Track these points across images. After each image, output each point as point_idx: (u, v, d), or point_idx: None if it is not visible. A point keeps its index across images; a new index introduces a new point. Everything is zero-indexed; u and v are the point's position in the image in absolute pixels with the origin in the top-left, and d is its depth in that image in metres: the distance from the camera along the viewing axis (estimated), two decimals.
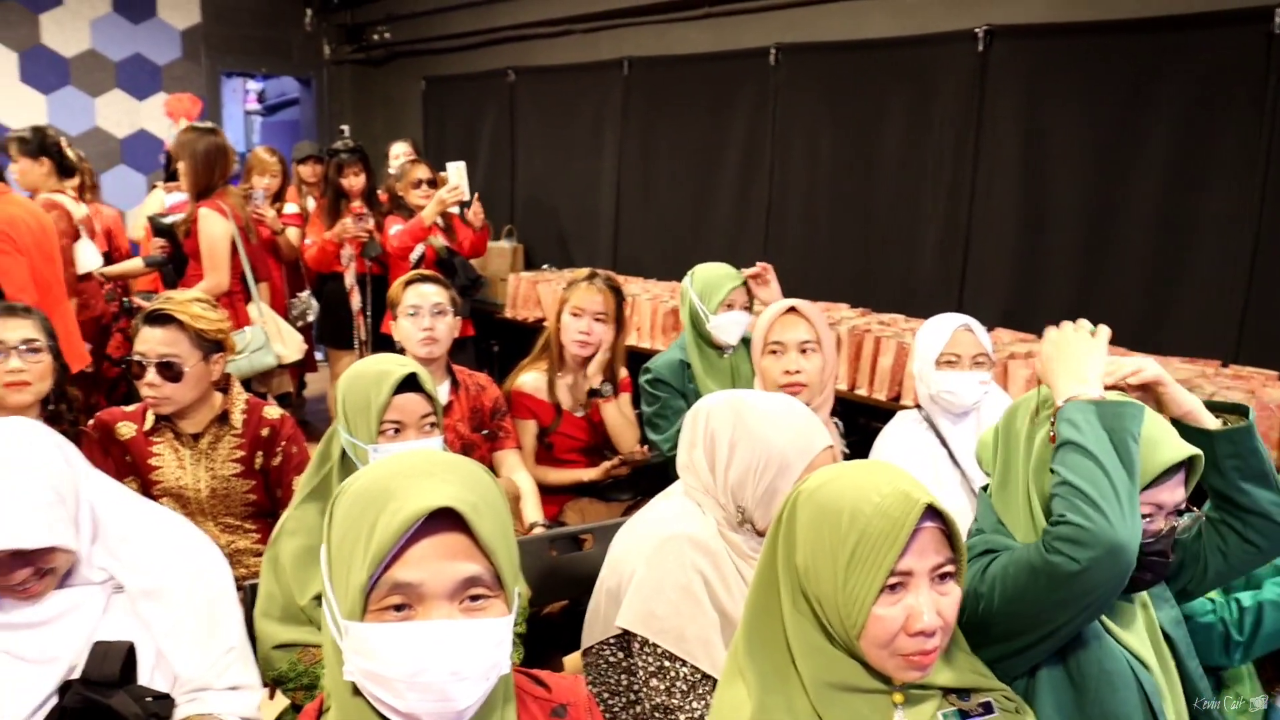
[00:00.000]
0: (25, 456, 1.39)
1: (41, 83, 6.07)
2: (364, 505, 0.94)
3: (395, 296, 2.64)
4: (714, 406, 1.65)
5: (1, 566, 1.35)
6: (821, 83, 4.22)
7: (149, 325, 2.12)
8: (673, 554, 1.56)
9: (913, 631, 1.09)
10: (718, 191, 4.75)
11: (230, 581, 1.64)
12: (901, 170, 3.99)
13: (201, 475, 2.16)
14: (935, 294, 3.86)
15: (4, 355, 1.94)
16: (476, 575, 0.94)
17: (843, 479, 1.15)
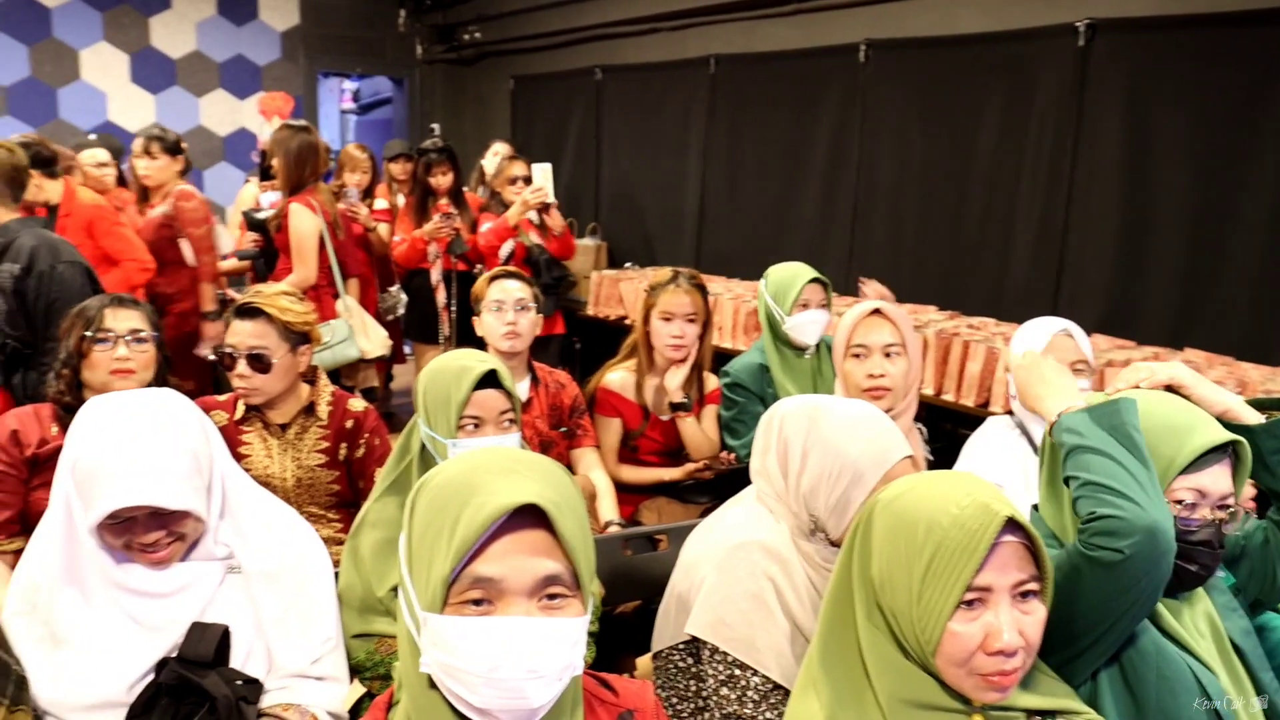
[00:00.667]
0: (170, 423, 1.46)
1: (151, 83, 6.35)
2: (447, 499, 0.94)
3: (479, 292, 2.68)
4: (788, 412, 1.62)
5: (138, 525, 1.42)
6: (912, 80, 4.13)
7: (239, 318, 2.19)
8: (744, 561, 1.55)
9: (991, 650, 1.06)
10: (803, 190, 4.69)
11: (331, 574, 1.68)
12: (995, 170, 3.87)
13: (288, 465, 2.22)
14: (1028, 297, 3.75)
15: (112, 344, 2.03)
16: (556, 574, 0.94)
17: (922, 489, 1.12)
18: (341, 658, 1.66)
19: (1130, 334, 3.42)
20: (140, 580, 1.46)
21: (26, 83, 5.96)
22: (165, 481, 1.40)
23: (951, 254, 4.08)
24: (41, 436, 2.01)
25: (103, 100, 6.19)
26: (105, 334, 2.03)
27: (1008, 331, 3.55)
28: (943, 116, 4.04)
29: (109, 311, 2.06)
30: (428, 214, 4.46)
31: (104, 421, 1.43)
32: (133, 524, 1.41)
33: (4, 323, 2.48)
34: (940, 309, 3.98)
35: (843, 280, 4.42)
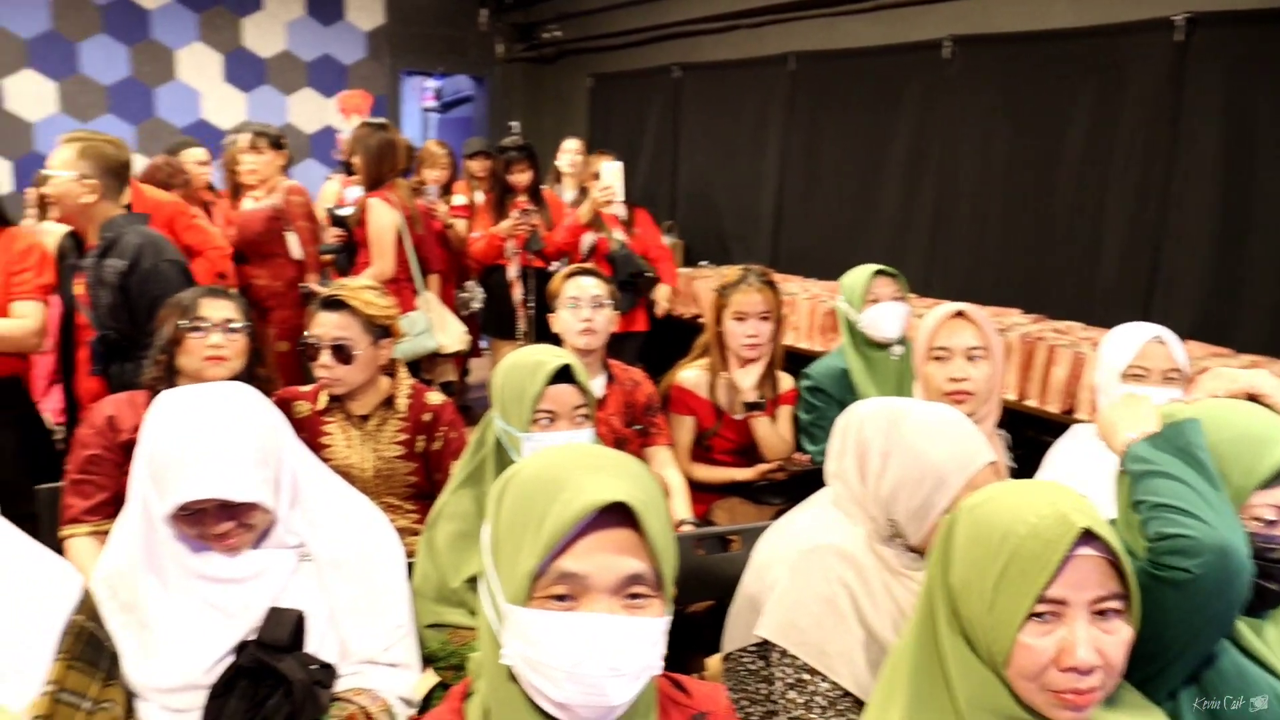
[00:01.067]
0: (239, 416, 1.50)
1: (242, 82, 6.56)
2: (534, 493, 0.95)
3: (555, 289, 2.69)
4: (867, 415, 1.59)
5: (209, 516, 1.46)
6: (998, 76, 4.03)
7: (324, 310, 2.24)
8: (818, 565, 1.53)
9: (1064, 667, 1.02)
10: (882, 190, 4.62)
11: (404, 562, 1.71)
12: (1084, 169, 3.75)
13: (367, 455, 2.27)
14: (1118, 302, 3.62)
15: (206, 332, 2.09)
16: (640, 573, 0.94)
17: (1006, 496, 1.10)
18: (413, 645, 1.69)
19: (1227, 341, 3.28)
20: (216, 567, 1.50)
21: (127, 82, 6.20)
22: (232, 474, 1.44)
23: (1037, 256, 3.97)
24: (135, 422, 2.09)
25: (197, 99, 6.42)
26: (200, 322, 2.10)
27: (1095, 336, 3.44)
28: (1029, 115, 3.93)
29: (204, 301, 2.13)
30: (506, 211, 4.51)
31: (175, 415, 1.48)
32: (203, 514, 1.46)
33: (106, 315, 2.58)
34: (1024, 312, 3.88)
35: (922, 281, 4.34)
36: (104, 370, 2.61)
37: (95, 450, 2.06)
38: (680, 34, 5.80)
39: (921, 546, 1.52)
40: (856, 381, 2.69)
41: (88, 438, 2.07)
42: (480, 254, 4.59)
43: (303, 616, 1.52)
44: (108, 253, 2.61)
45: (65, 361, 2.79)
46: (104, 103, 6.14)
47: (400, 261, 3.98)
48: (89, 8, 6.02)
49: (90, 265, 2.62)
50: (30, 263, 2.50)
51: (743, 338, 2.68)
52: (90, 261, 2.62)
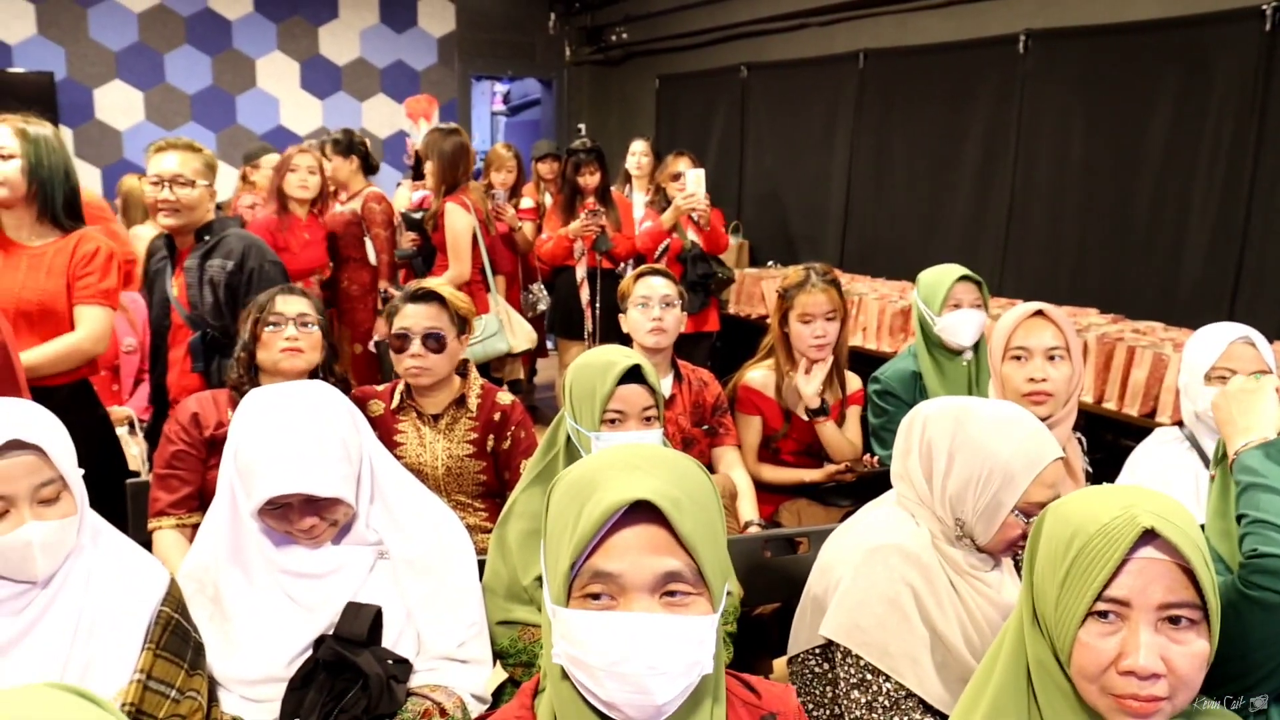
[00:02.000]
0: (322, 414, 1.54)
1: (318, 89, 6.72)
2: (572, 495, 0.96)
3: (626, 289, 2.71)
4: (932, 413, 1.57)
5: (294, 511, 1.51)
6: (1076, 70, 3.93)
7: (414, 303, 2.29)
8: (881, 565, 1.51)
9: (1123, 670, 0.99)
10: (955, 189, 4.53)
11: (475, 560, 1.74)
12: (1166, 166, 3.63)
13: (439, 453, 2.31)
14: (1202, 302, 3.50)
15: (282, 325, 2.16)
16: (676, 571, 0.94)
17: (1091, 495, 1.08)
18: (485, 642, 1.71)
19: None
20: (298, 562, 1.54)
21: (209, 91, 6.40)
22: (316, 471, 1.48)
23: (1116, 255, 3.85)
24: (219, 419, 2.16)
25: (275, 106, 6.59)
26: (277, 317, 2.17)
27: (1178, 337, 3.33)
28: (1108, 110, 3.81)
29: (280, 299, 2.20)
30: (575, 212, 4.54)
31: (262, 413, 1.53)
32: (289, 510, 1.50)
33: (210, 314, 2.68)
34: (1102, 312, 3.77)
35: (996, 282, 4.25)
36: (205, 368, 2.70)
37: (180, 446, 2.13)
38: (747, 34, 5.78)
39: (990, 547, 1.50)
40: (928, 385, 2.64)
41: (173, 434, 2.14)
42: (549, 255, 4.63)
43: (380, 612, 1.55)
44: (212, 253, 2.70)
45: (155, 359, 2.88)
46: (188, 111, 6.35)
47: (474, 264, 4.04)
48: (174, 20, 6.23)
49: (193, 266, 2.71)
50: (95, 266, 2.52)
51: (810, 339, 2.66)
52: (193, 262, 2.71)
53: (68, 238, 2.51)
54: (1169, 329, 3.48)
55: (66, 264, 2.48)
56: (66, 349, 2.46)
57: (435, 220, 4.05)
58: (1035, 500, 1.45)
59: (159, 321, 2.82)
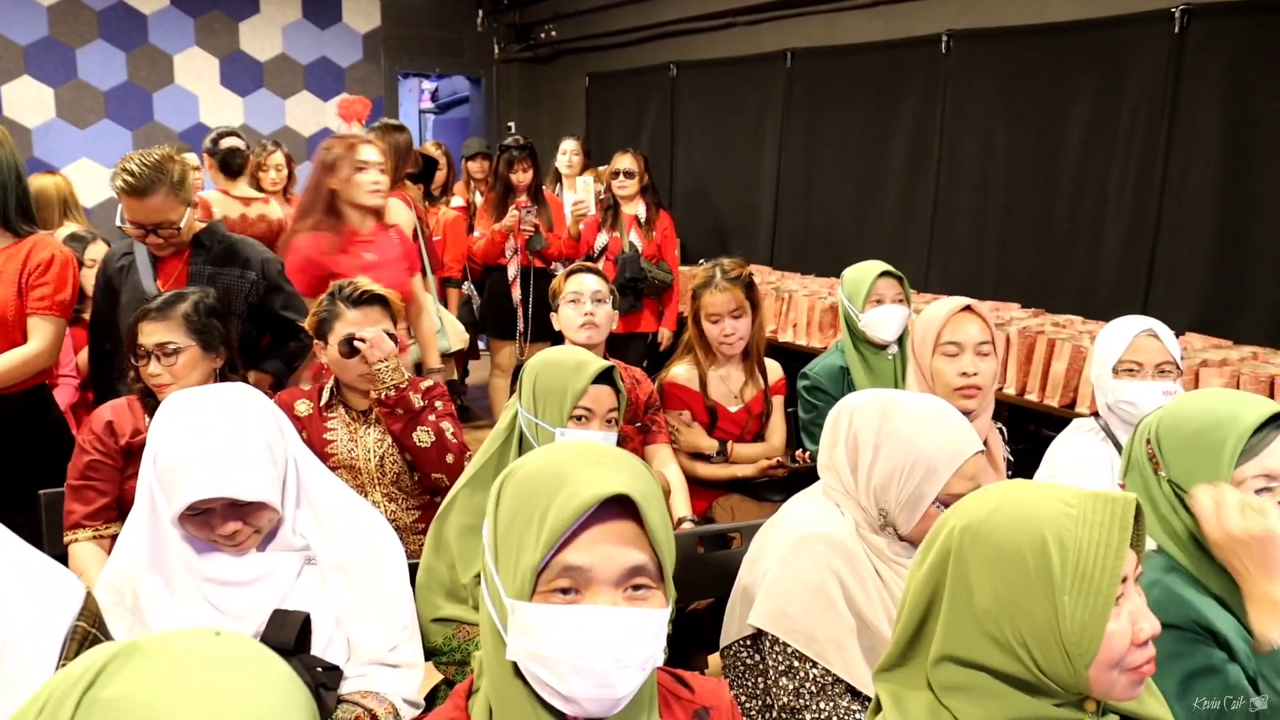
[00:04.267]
0: (245, 416, 1.51)
1: (239, 86, 6.56)
2: (536, 489, 0.96)
3: (557, 287, 2.73)
4: (858, 405, 1.61)
5: (216, 516, 1.47)
6: (997, 70, 4.04)
7: (358, 306, 2.25)
8: (807, 553, 1.54)
9: (1141, 640, 1.00)
10: (882, 186, 4.62)
11: (405, 563, 1.73)
12: (1084, 164, 3.76)
13: (371, 445, 2.29)
14: (1118, 296, 3.63)
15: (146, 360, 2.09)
16: (642, 564, 0.95)
17: (1010, 504, 1.03)
18: (417, 645, 1.70)
19: (1227, 334, 3.29)
20: (221, 570, 1.51)
21: (124, 87, 6.21)
22: (239, 474, 1.45)
23: (1037, 251, 3.97)
24: (135, 427, 2.10)
25: (194, 103, 6.42)
26: (140, 349, 2.10)
27: (1095, 330, 3.44)
28: (1029, 109, 3.93)
29: (141, 325, 2.11)
30: (508, 210, 4.52)
31: (181, 416, 1.49)
32: (211, 515, 1.47)
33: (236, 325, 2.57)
34: (1024, 306, 3.88)
35: (922, 278, 4.35)
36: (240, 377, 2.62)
37: (95, 456, 2.07)
38: (676, 32, 5.81)
39: (911, 536, 1.54)
40: (855, 380, 2.70)
41: (88, 443, 2.08)
42: (481, 253, 4.60)
43: (308, 618, 1.53)
44: (227, 262, 2.62)
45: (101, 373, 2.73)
46: (102, 108, 6.15)
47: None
48: (87, 13, 6.03)
49: (201, 272, 2.60)
50: (50, 276, 2.44)
51: (720, 336, 2.75)
52: (201, 269, 2.60)
53: (20, 244, 2.43)
54: (1087, 322, 3.60)
55: (19, 272, 2.40)
56: (19, 362, 2.40)
57: None
58: (955, 492, 1.49)
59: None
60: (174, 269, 2.65)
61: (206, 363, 2.14)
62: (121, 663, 0.69)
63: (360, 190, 3.05)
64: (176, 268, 2.64)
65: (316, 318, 2.27)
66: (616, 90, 6.53)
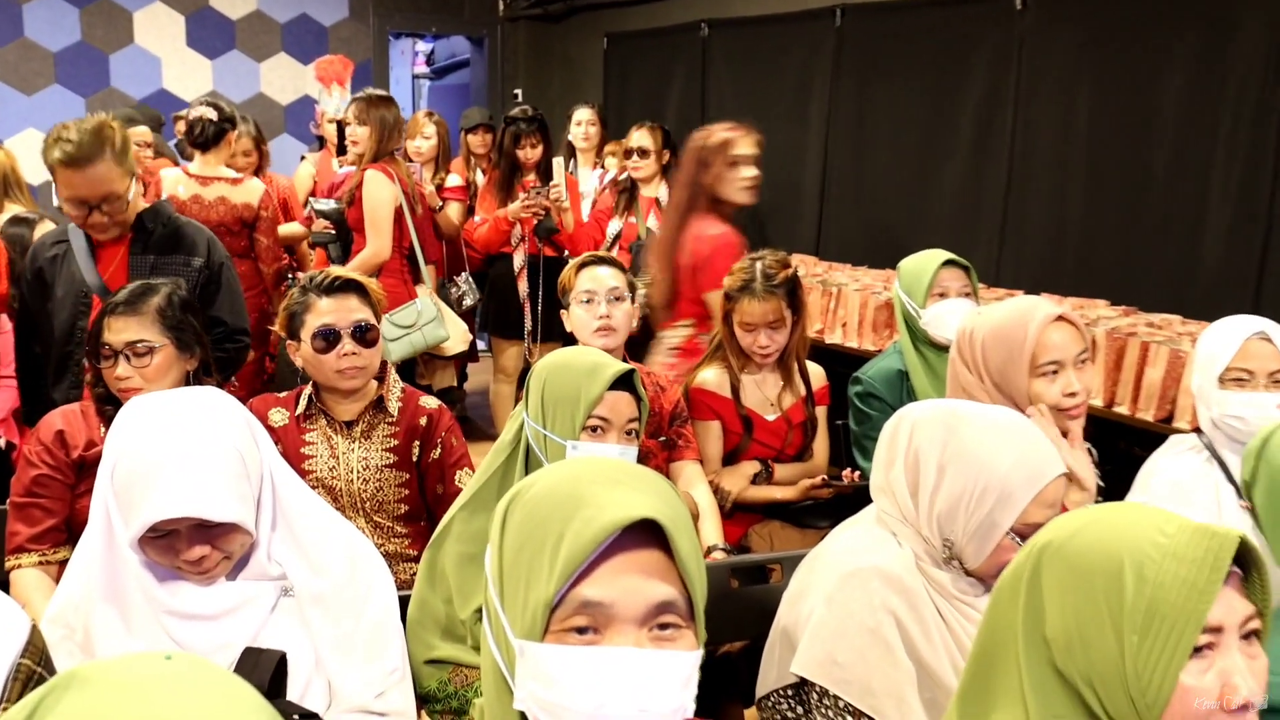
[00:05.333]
0: (215, 424, 1.51)
1: (207, 47, 6.62)
2: (548, 513, 0.96)
3: (567, 281, 2.72)
4: (921, 418, 1.60)
5: (181, 539, 1.47)
6: (1081, 29, 4.01)
7: (331, 294, 2.26)
8: (859, 590, 1.53)
9: (1234, 706, 0.99)
10: (946, 164, 4.60)
11: (395, 595, 1.73)
12: (1183, 135, 3.72)
13: (354, 464, 2.30)
14: (1224, 290, 3.59)
15: (112, 360, 2.11)
16: (670, 600, 0.95)
17: (1101, 524, 1.05)
18: (407, 691, 1.70)
19: None
20: (186, 601, 1.51)
21: (77, 48, 6.27)
22: (208, 491, 1.44)
23: (1127, 238, 3.93)
24: (89, 438, 2.12)
25: (157, 66, 6.48)
26: (106, 349, 2.11)
27: (1197, 332, 3.41)
28: (1117, 74, 3.90)
29: (107, 321, 2.12)
30: (513, 191, 4.52)
31: (142, 425, 1.49)
32: (175, 538, 1.46)
33: None
34: (1112, 304, 3.85)
35: (993, 270, 4.32)
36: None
37: (42, 470, 2.09)
38: None
39: (980, 571, 1.52)
40: (915, 386, 2.69)
41: (35, 455, 2.10)
42: (483, 241, 4.60)
43: (284, 658, 1.53)
44: (171, 247, 2.66)
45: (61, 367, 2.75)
46: (51, 71, 6.22)
47: (399, 247, 4.01)
48: None
49: (144, 260, 2.63)
50: None
51: (755, 347, 2.75)
52: (144, 257, 2.64)
53: None
54: (1187, 322, 3.56)
55: None
56: None
57: (353, 193, 4.01)
58: (1033, 521, 1.47)
59: (71, 322, 2.66)
60: (113, 257, 2.67)
61: (180, 364, 2.17)
62: (58, 696, 0.68)
63: (733, 186, 3.33)
64: (116, 255, 2.66)
65: (287, 313, 2.29)
66: (639, 52, 6.53)
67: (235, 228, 4.12)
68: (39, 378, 2.71)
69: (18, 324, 2.82)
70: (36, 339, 2.71)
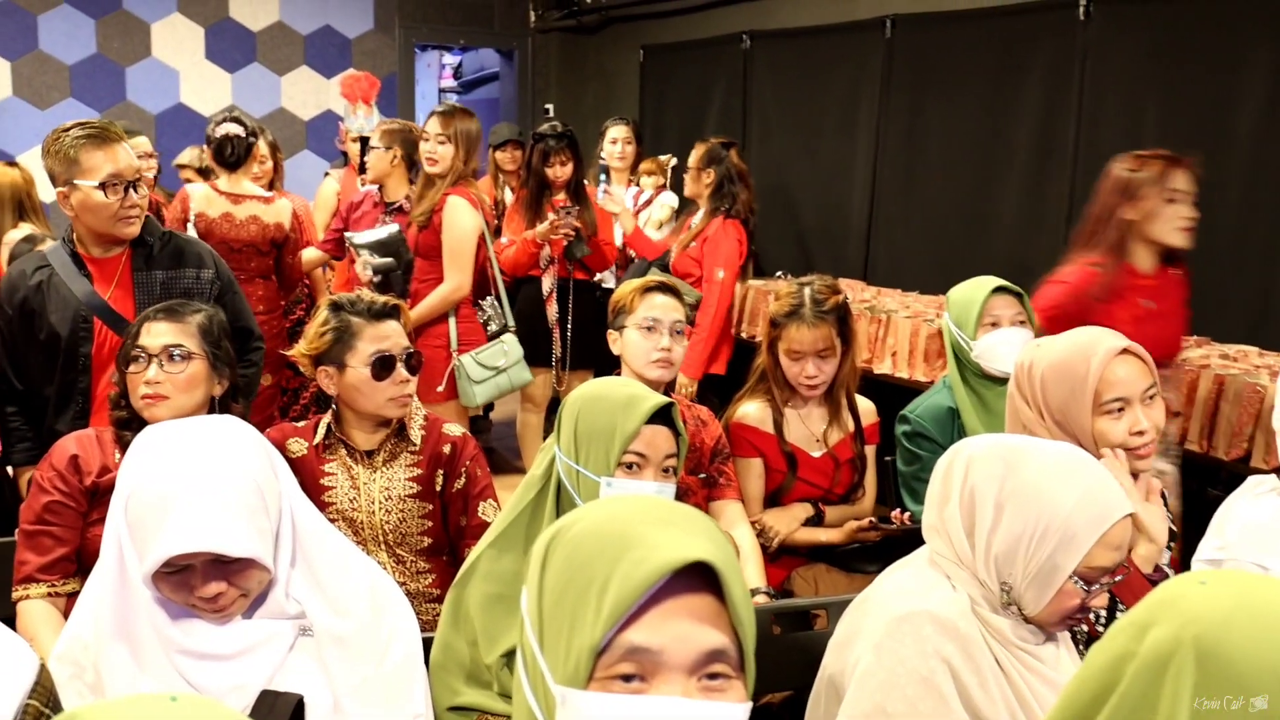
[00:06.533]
0: (234, 455, 1.53)
1: (227, 60, 6.74)
2: (594, 553, 0.96)
3: (627, 302, 2.66)
4: (977, 454, 1.59)
5: (196, 575, 1.48)
6: (1148, 38, 4.00)
7: (383, 319, 2.30)
8: (911, 636, 1.52)
9: None
10: (1003, 183, 4.59)
11: (419, 637, 1.74)
12: (1259, 151, 3.70)
13: (375, 495, 2.31)
14: None
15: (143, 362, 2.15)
16: (722, 648, 0.95)
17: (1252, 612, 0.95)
18: None
19: None
20: (200, 640, 1.52)
21: (93, 61, 6.41)
22: (226, 525, 1.46)
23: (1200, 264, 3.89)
24: (104, 464, 2.15)
25: (174, 80, 6.61)
26: (138, 351, 2.15)
27: (1276, 364, 3.37)
28: (1190, 85, 3.88)
29: (146, 325, 2.19)
30: (542, 211, 4.54)
31: (158, 454, 1.51)
32: (190, 574, 1.48)
33: None
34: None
35: None
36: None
37: (54, 496, 2.11)
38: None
39: (1041, 618, 1.51)
40: (967, 423, 2.67)
41: (47, 481, 2.13)
42: (510, 263, 4.61)
43: (302, 702, 1.54)
44: (177, 261, 2.71)
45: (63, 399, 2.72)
46: (66, 85, 6.35)
47: (480, 277, 4.03)
48: None
49: (148, 278, 2.67)
50: None
51: (801, 378, 2.74)
52: (147, 274, 2.68)
53: None
54: (1265, 354, 3.53)
55: None
56: None
57: (429, 216, 3.99)
58: (1099, 565, 1.46)
59: (73, 347, 2.67)
60: (110, 275, 2.68)
61: (207, 385, 2.22)
62: None
63: (1167, 227, 3.06)
64: (113, 273, 2.68)
65: (323, 339, 2.30)
66: (677, 66, 6.57)
67: (265, 248, 4.18)
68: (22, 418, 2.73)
69: (4, 359, 2.75)
70: (21, 374, 2.70)
